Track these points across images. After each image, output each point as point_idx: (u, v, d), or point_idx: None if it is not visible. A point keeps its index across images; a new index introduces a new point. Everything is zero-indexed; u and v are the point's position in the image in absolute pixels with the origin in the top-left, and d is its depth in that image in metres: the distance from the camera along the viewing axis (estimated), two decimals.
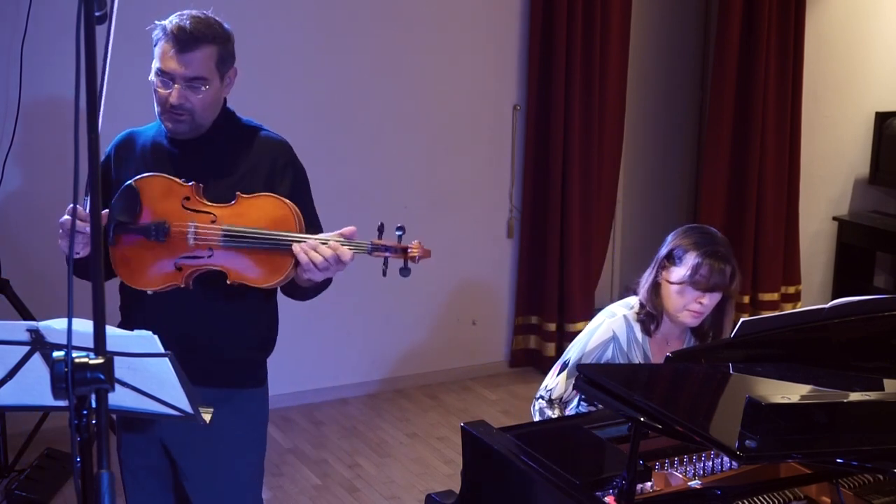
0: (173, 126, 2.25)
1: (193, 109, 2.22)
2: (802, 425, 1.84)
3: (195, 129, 2.27)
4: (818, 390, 2.14)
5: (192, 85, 2.20)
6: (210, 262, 2.18)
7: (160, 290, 2.21)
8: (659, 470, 2.24)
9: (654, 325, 2.75)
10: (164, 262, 2.20)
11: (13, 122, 3.94)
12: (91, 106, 1.42)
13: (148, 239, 2.20)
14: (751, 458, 1.80)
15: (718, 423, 2.03)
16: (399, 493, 3.91)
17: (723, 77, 5.36)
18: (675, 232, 2.77)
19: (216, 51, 2.21)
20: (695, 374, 2.35)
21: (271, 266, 2.16)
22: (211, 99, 2.24)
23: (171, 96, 2.20)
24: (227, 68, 2.27)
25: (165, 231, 2.19)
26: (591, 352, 2.75)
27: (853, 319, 2.39)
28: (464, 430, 2.39)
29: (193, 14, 2.22)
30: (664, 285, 2.71)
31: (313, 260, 2.10)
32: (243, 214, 2.17)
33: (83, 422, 1.45)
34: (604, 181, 5.15)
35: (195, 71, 2.19)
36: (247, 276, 2.17)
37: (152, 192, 2.21)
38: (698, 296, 2.65)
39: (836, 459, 1.89)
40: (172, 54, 2.18)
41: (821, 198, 6.02)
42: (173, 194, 2.20)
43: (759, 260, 5.63)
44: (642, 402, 2.03)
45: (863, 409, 1.93)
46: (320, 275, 2.14)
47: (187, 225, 2.18)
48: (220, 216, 2.18)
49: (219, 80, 2.24)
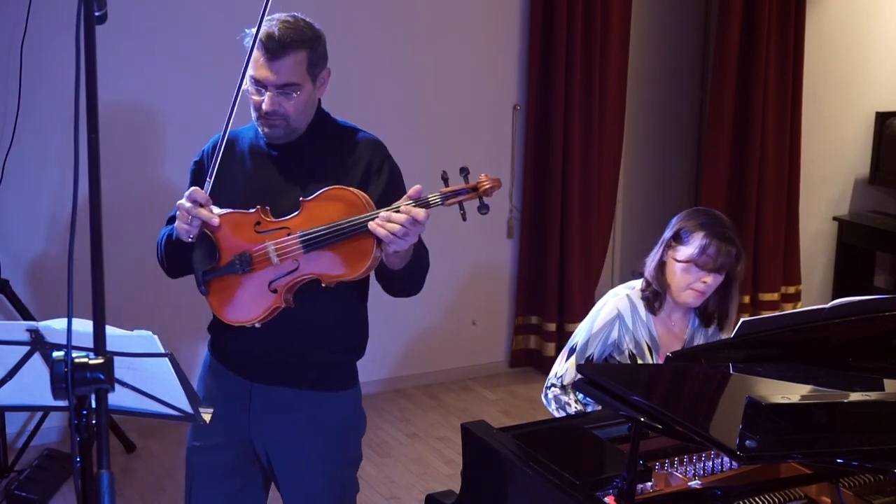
0: (269, 131, 2.26)
1: (287, 115, 2.22)
2: (802, 425, 1.84)
3: (290, 133, 2.27)
4: (818, 390, 2.14)
5: (284, 91, 2.20)
6: (300, 273, 2.17)
7: (266, 318, 2.21)
8: (659, 470, 2.24)
9: (658, 304, 2.78)
10: (260, 289, 2.20)
11: (13, 122, 3.94)
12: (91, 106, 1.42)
13: (237, 274, 2.21)
14: (751, 458, 1.80)
15: (718, 423, 2.03)
16: (399, 493, 3.91)
17: (723, 77, 5.36)
18: (681, 214, 2.80)
19: (306, 55, 2.21)
20: (695, 374, 2.35)
21: (356, 253, 2.13)
22: (304, 103, 2.24)
23: (264, 103, 2.21)
24: (319, 71, 2.26)
25: (248, 260, 2.19)
26: (597, 332, 2.77)
27: (853, 319, 2.40)
28: (464, 430, 2.39)
29: (283, 18, 2.21)
30: (670, 264, 2.74)
31: (391, 230, 2.07)
32: (313, 216, 2.16)
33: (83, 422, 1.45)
34: (604, 181, 5.15)
35: (286, 78, 2.19)
36: (338, 273, 2.16)
37: (223, 230, 2.21)
38: (703, 275, 2.68)
39: (836, 459, 1.89)
40: (263, 62, 2.19)
41: (821, 198, 6.02)
42: (243, 224, 2.21)
43: (759, 260, 5.63)
44: (642, 402, 2.03)
45: (863, 409, 1.93)
46: (403, 243, 2.09)
47: (266, 246, 2.18)
48: (293, 226, 2.17)
49: (311, 84, 2.24)
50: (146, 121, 4.23)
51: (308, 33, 2.22)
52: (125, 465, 4.03)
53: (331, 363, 2.36)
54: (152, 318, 3.73)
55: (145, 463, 4.08)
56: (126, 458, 4.11)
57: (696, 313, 2.82)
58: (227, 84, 2.18)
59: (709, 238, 2.67)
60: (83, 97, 1.40)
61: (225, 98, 2.23)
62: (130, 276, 3.97)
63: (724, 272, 2.70)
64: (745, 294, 5.63)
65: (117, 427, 4.12)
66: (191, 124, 4.20)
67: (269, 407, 2.34)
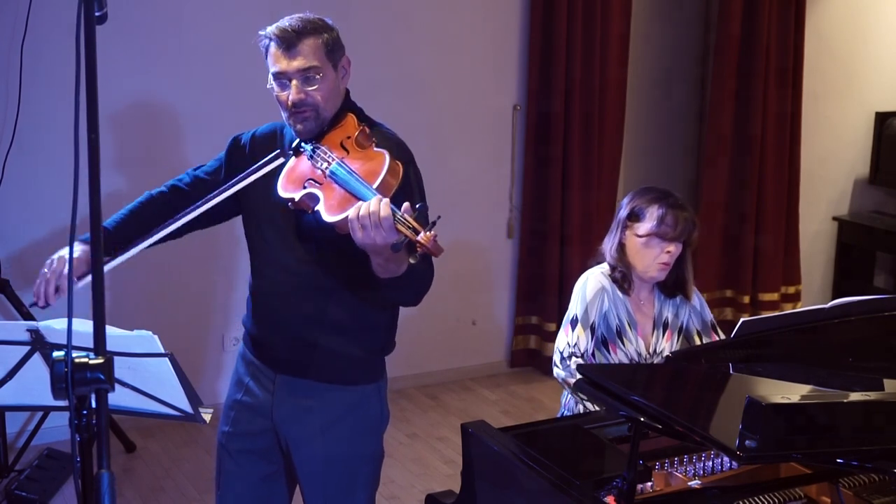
0: (302, 126, 2.25)
1: (316, 104, 2.23)
2: (802, 425, 1.84)
3: (321, 123, 2.26)
4: (818, 390, 2.14)
5: (306, 76, 2.21)
6: (316, 186, 2.16)
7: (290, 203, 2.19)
8: (659, 470, 2.24)
9: (627, 284, 2.87)
10: (301, 175, 2.21)
11: (13, 122, 3.94)
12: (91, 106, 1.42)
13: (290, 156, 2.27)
14: (751, 458, 1.80)
15: (718, 423, 2.03)
16: (399, 493, 3.91)
17: (723, 77, 5.37)
18: (628, 195, 2.91)
19: (322, 40, 2.23)
20: (695, 374, 2.35)
21: (342, 205, 2.08)
22: (329, 90, 2.25)
23: (291, 95, 2.22)
24: (339, 57, 2.28)
25: (308, 151, 2.23)
26: (592, 301, 2.84)
27: (853, 319, 2.40)
28: (464, 430, 2.39)
29: (293, 16, 2.25)
30: (630, 243, 2.83)
31: (359, 217, 1.99)
32: (357, 159, 2.16)
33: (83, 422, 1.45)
34: (604, 181, 5.15)
35: (306, 62, 2.20)
36: (324, 206, 2.11)
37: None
38: (666, 245, 2.78)
39: (836, 459, 1.89)
40: (281, 53, 2.21)
41: (821, 198, 6.02)
42: (347, 129, 2.25)
43: (759, 260, 5.63)
44: (642, 402, 2.03)
45: (863, 409, 1.93)
46: (363, 235, 1.99)
47: (322, 147, 2.21)
48: (341, 154, 2.18)
49: (332, 70, 2.26)
50: (159, 120, 4.23)
51: (320, 23, 2.26)
52: (125, 465, 4.03)
53: (354, 358, 2.37)
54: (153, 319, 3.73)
55: (145, 463, 4.08)
56: (126, 458, 4.11)
57: (659, 288, 2.90)
58: (239, 81, 2.21)
59: (664, 208, 2.77)
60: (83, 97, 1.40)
61: (236, 95, 2.23)
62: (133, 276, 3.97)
63: (682, 240, 2.79)
64: (745, 294, 5.62)
65: (117, 427, 4.12)
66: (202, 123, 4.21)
67: (292, 397, 2.37)
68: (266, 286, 2.39)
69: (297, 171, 2.22)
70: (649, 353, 2.86)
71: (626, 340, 2.84)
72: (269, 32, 2.24)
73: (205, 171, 2.49)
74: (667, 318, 2.90)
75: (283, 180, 2.21)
